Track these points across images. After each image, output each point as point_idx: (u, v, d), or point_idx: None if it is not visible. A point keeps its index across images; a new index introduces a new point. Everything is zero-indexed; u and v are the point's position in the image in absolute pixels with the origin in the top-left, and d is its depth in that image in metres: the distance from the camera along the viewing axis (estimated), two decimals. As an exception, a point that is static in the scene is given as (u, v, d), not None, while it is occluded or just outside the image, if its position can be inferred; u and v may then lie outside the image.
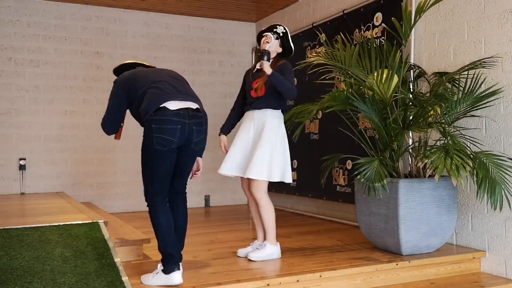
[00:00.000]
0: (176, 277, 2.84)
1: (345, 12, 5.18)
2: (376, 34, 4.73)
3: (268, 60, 3.39)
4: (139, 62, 3.33)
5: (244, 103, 3.67)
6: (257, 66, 3.53)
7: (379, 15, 4.74)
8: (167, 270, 2.86)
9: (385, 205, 3.55)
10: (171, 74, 3.07)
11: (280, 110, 3.54)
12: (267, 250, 3.48)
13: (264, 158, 3.38)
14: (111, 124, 3.16)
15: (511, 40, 3.51)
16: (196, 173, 3.26)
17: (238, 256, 3.56)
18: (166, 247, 2.87)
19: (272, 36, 3.56)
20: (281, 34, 3.57)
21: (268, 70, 3.35)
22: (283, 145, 3.49)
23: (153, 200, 2.91)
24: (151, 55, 6.49)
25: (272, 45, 3.55)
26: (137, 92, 2.95)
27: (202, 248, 3.92)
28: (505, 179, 3.25)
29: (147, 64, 3.34)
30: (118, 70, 3.29)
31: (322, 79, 3.98)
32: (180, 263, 2.92)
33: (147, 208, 2.94)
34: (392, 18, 3.75)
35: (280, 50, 3.60)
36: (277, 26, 3.60)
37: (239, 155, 3.52)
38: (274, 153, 3.42)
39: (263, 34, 3.61)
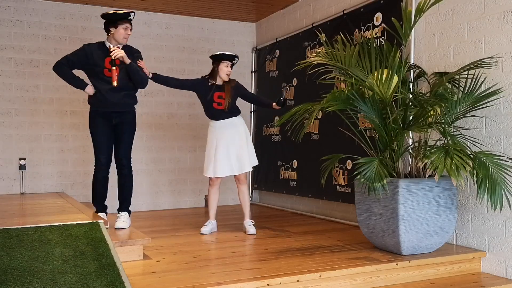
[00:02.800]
0: (101, 215, 4.13)
1: (345, 12, 5.18)
2: (376, 34, 4.73)
3: None
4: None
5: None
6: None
7: (379, 15, 4.74)
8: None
9: (385, 205, 3.55)
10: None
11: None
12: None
13: None
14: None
15: (511, 40, 3.51)
16: None
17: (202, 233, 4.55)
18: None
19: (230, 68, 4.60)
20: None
21: None
22: (207, 148, 4.62)
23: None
24: (151, 55, 6.48)
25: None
26: (88, 73, 4.11)
27: (202, 248, 3.91)
28: (505, 179, 3.25)
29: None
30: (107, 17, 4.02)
31: (322, 79, 3.98)
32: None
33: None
34: (392, 18, 3.75)
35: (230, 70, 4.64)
36: (235, 58, 4.62)
37: None
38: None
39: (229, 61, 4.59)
